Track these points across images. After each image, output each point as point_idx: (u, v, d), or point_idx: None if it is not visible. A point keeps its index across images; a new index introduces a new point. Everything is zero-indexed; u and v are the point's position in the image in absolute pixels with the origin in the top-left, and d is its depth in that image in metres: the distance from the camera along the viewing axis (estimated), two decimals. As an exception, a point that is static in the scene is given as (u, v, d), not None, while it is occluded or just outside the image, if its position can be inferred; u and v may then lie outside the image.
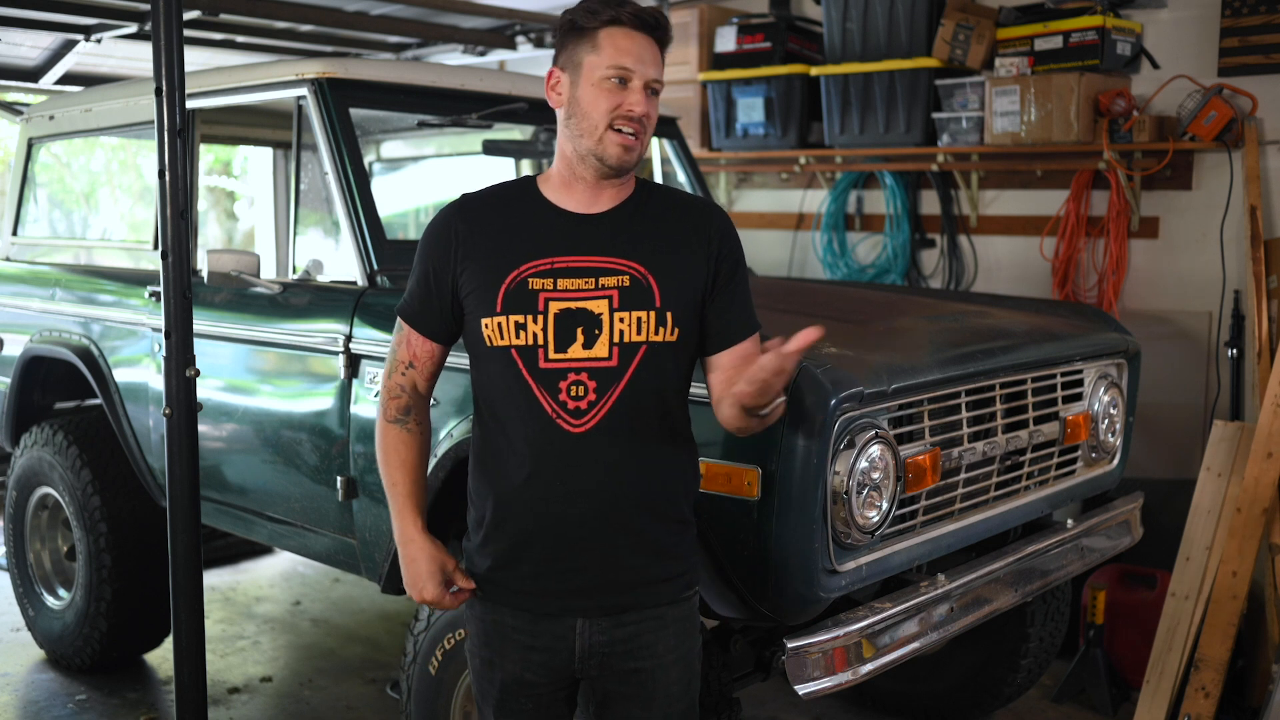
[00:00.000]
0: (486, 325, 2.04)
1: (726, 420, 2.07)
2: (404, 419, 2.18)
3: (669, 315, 2.03)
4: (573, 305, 2.01)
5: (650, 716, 2.15)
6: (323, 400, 3.28)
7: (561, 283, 2.02)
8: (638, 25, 2.03)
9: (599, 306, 2.01)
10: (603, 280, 2.02)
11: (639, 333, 2.02)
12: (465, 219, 2.12)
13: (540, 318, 2.01)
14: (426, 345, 2.17)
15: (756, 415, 1.97)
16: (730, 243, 2.14)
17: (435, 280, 2.12)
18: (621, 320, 2.01)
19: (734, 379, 2.05)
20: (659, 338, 2.03)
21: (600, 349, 2.01)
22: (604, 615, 2.09)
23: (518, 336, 2.02)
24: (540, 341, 2.02)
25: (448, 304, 2.11)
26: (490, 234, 2.09)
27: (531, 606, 2.10)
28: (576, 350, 2.01)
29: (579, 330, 2.01)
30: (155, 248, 3.96)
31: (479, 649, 2.19)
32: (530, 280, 2.03)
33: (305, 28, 5.62)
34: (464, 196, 2.18)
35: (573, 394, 2.02)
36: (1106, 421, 3.38)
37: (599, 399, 2.02)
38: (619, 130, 2.01)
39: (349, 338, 3.18)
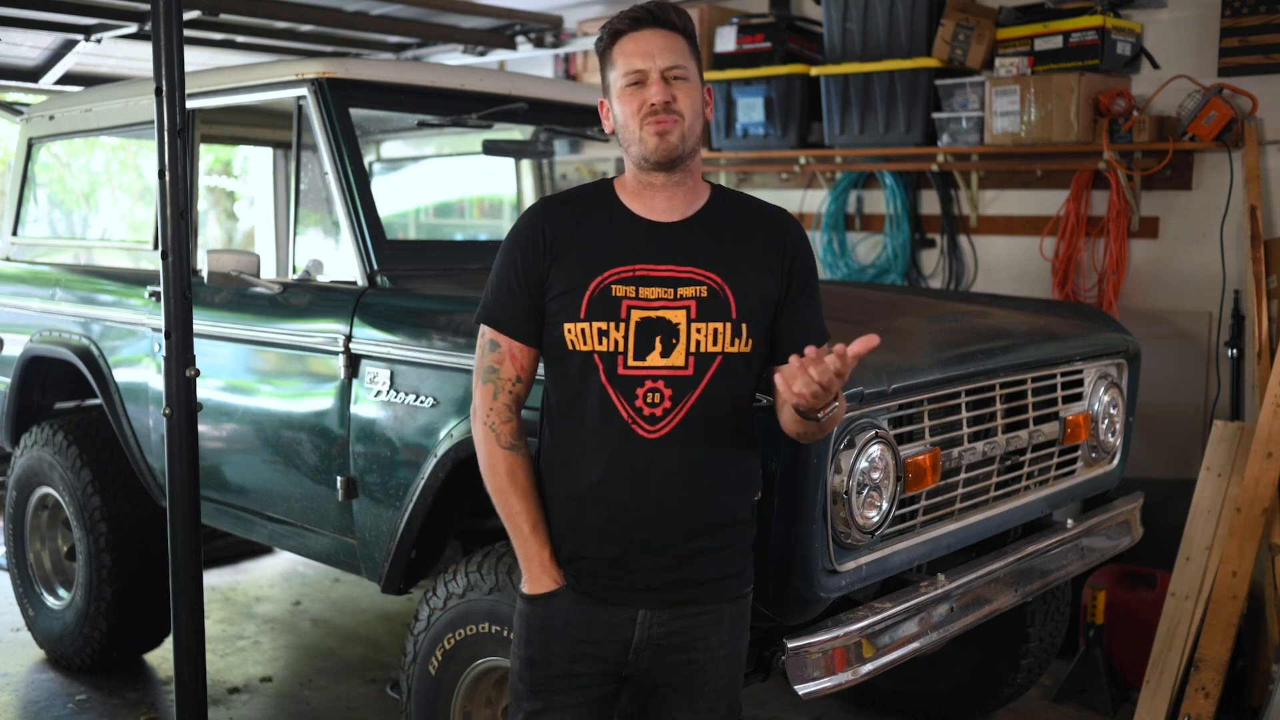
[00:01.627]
0: (570, 330, 2.06)
1: (788, 425, 2.10)
2: (518, 444, 2.16)
3: (744, 327, 2.07)
4: (652, 314, 2.05)
5: (696, 709, 2.18)
6: (323, 400, 3.28)
7: (643, 291, 2.06)
8: (636, 25, 2.08)
9: (677, 316, 2.05)
10: (681, 290, 2.06)
11: (715, 343, 2.06)
12: (550, 221, 2.14)
13: (623, 325, 2.05)
14: (530, 354, 2.16)
15: (814, 419, 1.99)
16: (804, 254, 2.18)
17: (527, 281, 2.11)
18: (699, 331, 2.05)
19: None
20: (734, 349, 2.07)
21: (677, 358, 2.05)
22: (666, 608, 2.13)
23: (600, 343, 2.05)
24: (621, 348, 2.05)
25: (539, 304, 2.12)
26: (575, 237, 2.11)
27: (599, 596, 2.13)
28: (654, 358, 2.05)
29: (657, 339, 2.05)
30: (155, 248, 3.96)
31: (522, 646, 2.20)
32: (614, 287, 2.06)
33: (305, 28, 5.62)
34: (545, 200, 2.21)
35: (649, 401, 2.05)
36: (1106, 421, 3.38)
37: (674, 406, 2.05)
38: (648, 122, 2.05)
39: (349, 338, 3.18)
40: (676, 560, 2.10)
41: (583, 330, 2.05)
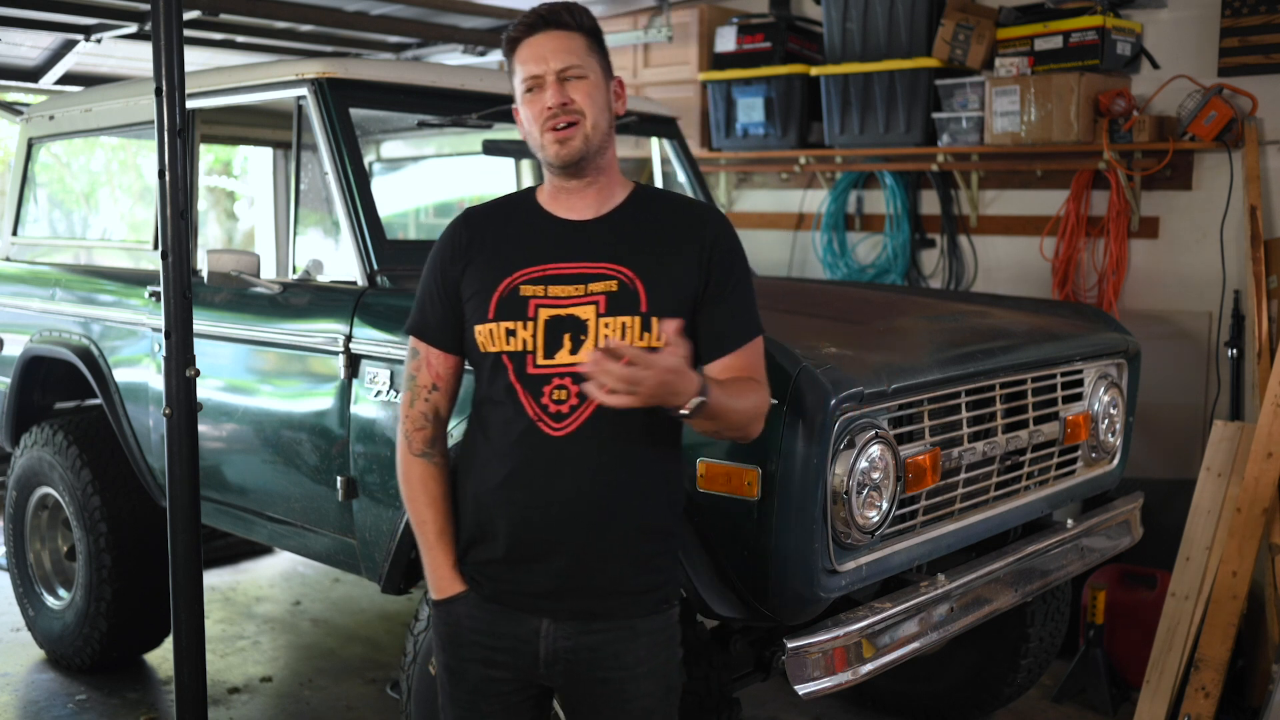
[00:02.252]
0: (480, 332, 2.06)
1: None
2: (430, 452, 2.17)
3: (655, 320, 2.01)
4: (562, 312, 2.02)
5: None
6: (323, 400, 3.28)
7: (553, 289, 2.04)
8: (530, 30, 2.07)
9: (586, 312, 2.02)
10: (592, 286, 2.03)
11: (624, 338, 2.00)
12: (469, 228, 2.15)
13: (530, 324, 2.02)
14: (447, 361, 2.16)
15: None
16: (725, 248, 2.10)
17: (444, 288, 2.12)
18: (607, 326, 2.01)
19: None
20: (643, 343, 2.00)
21: (584, 354, 2.00)
22: (572, 619, 2.07)
23: (508, 342, 2.03)
24: (530, 348, 2.02)
25: (458, 311, 2.12)
26: (490, 242, 2.11)
27: (502, 600, 2.10)
28: (563, 356, 2.02)
29: (566, 336, 2.01)
30: (155, 248, 3.96)
31: (438, 653, 2.19)
32: (522, 287, 2.05)
33: (305, 28, 5.62)
34: (468, 208, 2.20)
35: (555, 398, 2.02)
36: (1106, 421, 3.38)
37: (581, 403, 2.01)
38: (550, 129, 2.04)
39: (349, 338, 3.18)
40: (580, 566, 2.04)
41: (490, 331, 2.04)
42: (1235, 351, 4.24)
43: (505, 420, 2.05)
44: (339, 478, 3.22)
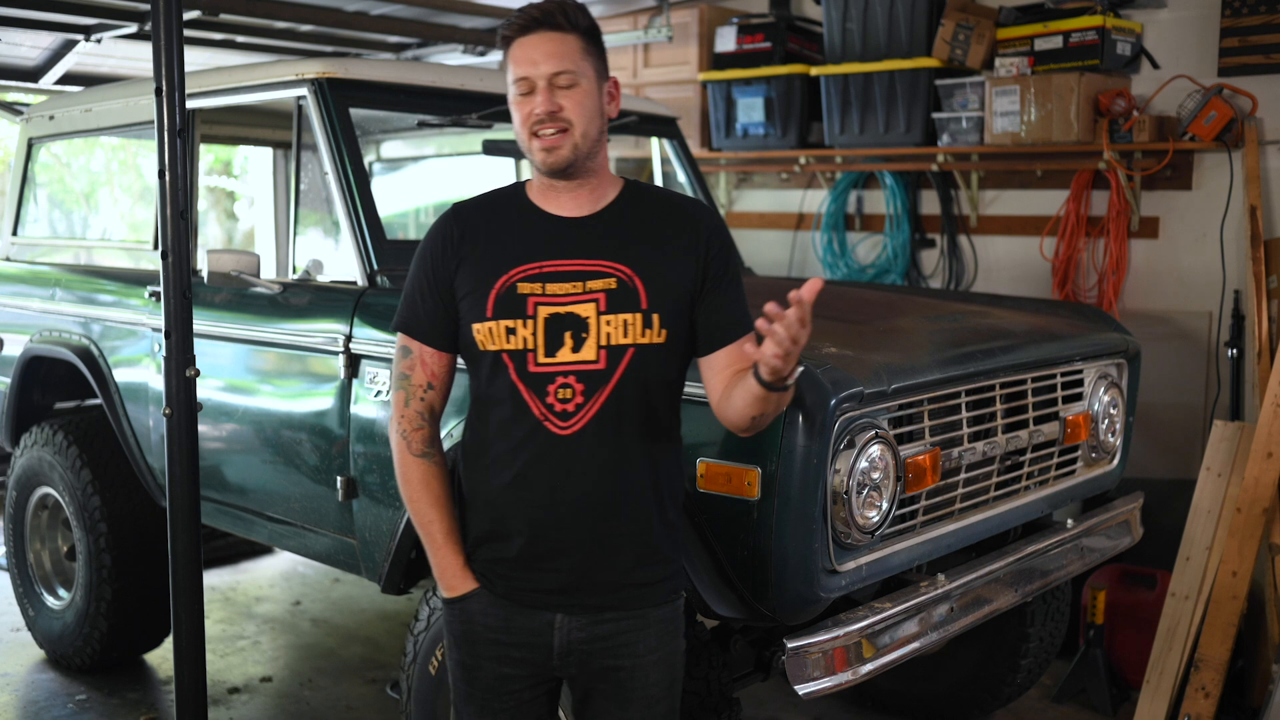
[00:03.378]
0: (478, 330, 2.05)
1: (736, 417, 2.01)
2: (430, 451, 2.16)
3: (655, 317, 2.03)
4: (561, 310, 2.02)
5: (628, 716, 2.13)
6: (323, 400, 3.28)
7: (550, 287, 2.03)
8: (524, 30, 2.05)
9: (586, 310, 2.02)
10: (590, 284, 2.03)
11: (625, 335, 2.02)
12: (459, 224, 2.14)
13: (530, 322, 2.02)
14: (441, 359, 2.16)
15: (781, 387, 1.88)
16: (720, 242, 2.11)
17: (437, 285, 2.12)
18: (608, 323, 2.02)
19: (730, 379, 2.03)
20: (645, 340, 2.03)
21: (588, 352, 2.02)
22: (585, 612, 2.08)
23: (508, 341, 2.03)
24: (530, 346, 2.02)
25: (452, 309, 2.11)
26: (482, 239, 2.11)
27: (514, 598, 2.10)
28: (565, 354, 2.02)
29: (567, 334, 2.02)
30: (155, 248, 3.96)
31: (452, 650, 2.20)
32: (519, 285, 2.04)
33: (305, 28, 5.62)
34: (457, 204, 2.19)
35: (560, 397, 2.02)
36: (1106, 421, 3.38)
37: (586, 401, 2.02)
38: (537, 135, 2.03)
39: (349, 338, 3.18)
40: (592, 562, 2.06)
41: (490, 329, 2.04)
42: (1235, 351, 4.24)
43: (509, 419, 2.05)
44: (339, 478, 3.22)
